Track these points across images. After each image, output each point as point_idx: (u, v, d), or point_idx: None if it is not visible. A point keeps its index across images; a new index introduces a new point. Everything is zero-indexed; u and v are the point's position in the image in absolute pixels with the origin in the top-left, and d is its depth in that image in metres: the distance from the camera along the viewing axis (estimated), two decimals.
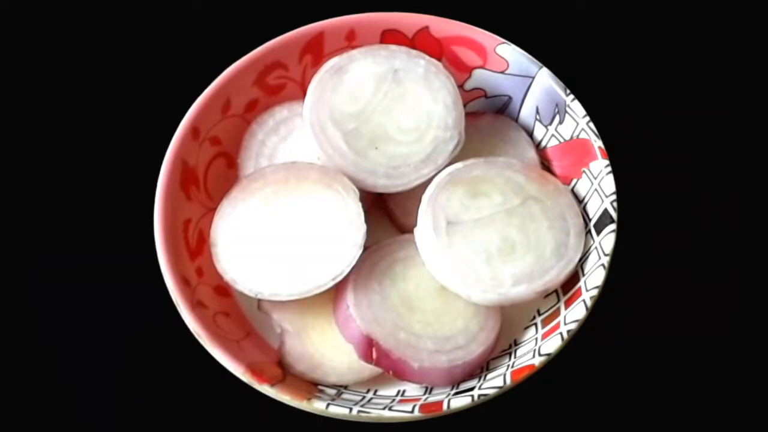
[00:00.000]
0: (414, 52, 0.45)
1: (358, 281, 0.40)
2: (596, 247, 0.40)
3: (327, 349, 0.40)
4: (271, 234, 0.41)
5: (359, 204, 0.41)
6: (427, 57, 0.45)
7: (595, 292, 0.38)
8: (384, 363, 0.39)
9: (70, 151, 0.50)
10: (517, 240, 0.40)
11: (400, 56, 0.45)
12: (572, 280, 0.40)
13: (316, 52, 0.47)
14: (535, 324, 0.41)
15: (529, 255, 0.40)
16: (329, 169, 0.42)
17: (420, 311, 0.40)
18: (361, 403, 0.38)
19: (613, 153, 0.42)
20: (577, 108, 0.44)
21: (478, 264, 0.40)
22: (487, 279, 0.39)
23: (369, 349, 0.39)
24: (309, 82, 0.44)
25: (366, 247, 0.40)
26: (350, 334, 0.39)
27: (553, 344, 0.38)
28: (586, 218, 0.42)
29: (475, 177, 0.42)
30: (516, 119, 0.47)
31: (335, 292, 0.40)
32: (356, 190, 0.41)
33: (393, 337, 0.39)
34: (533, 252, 0.40)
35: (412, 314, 0.40)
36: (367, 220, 0.41)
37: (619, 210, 0.40)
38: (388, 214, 0.45)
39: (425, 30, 0.47)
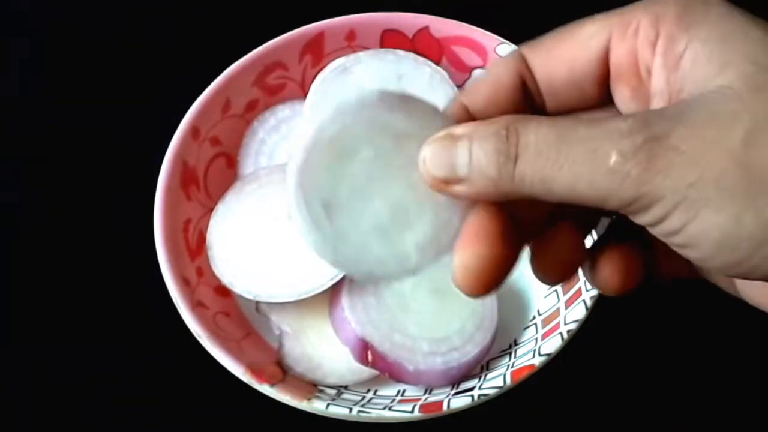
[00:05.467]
0: (421, 59, 0.45)
1: (353, 283, 0.40)
2: None
3: (326, 350, 0.40)
4: (267, 236, 0.41)
5: None
6: (433, 65, 0.45)
7: (594, 293, 0.38)
8: (380, 366, 0.39)
9: (70, 151, 0.50)
10: (405, 198, 0.30)
11: (406, 62, 0.45)
12: (572, 280, 0.40)
13: (316, 52, 0.47)
14: (535, 324, 0.41)
15: (426, 213, 0.30)
16: None
17: (415, 312, 0.40)
18: (361, 403, 0.38)
19: None
20: None
21: (374, 246, 0.30)
22: (390, 260, 0.30)
23: (364, 352, 0.39)
24: (309, 83, 0.44)
25: None
26: (346, 337, 0.39)
27: (553, 344, 0.38)
28: None
29: (332, 136, 0.29)
30: None
31: (331, 294, 0.40)
32: None
33: (388, 340, 0.39)
34: (428, 208, 0.30)
35: (407, 315, 0.40)
36: None
37: None
38: None
39: (425, 30, 0.47)
